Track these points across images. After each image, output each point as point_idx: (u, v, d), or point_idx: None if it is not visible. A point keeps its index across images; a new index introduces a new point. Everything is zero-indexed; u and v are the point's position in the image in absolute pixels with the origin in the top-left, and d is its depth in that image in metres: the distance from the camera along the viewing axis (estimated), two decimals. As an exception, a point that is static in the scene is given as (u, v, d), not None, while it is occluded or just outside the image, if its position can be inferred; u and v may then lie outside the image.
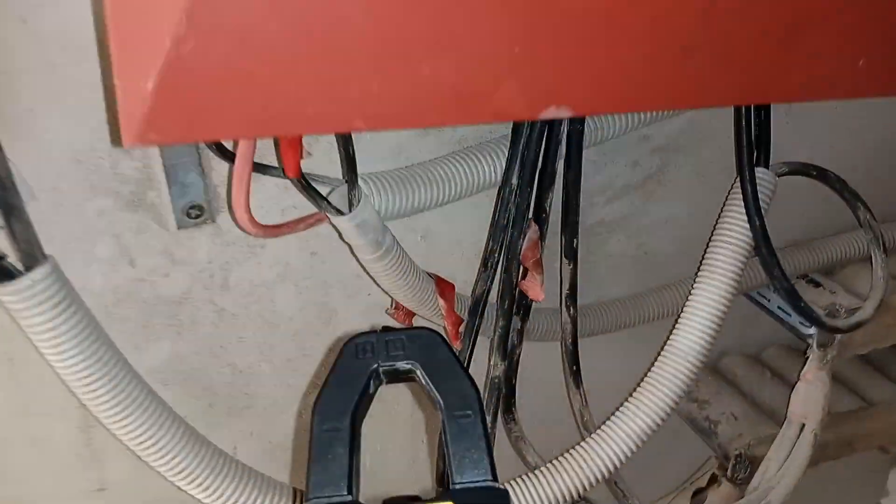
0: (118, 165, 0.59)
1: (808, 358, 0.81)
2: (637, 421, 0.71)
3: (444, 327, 0.68)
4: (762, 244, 0.71)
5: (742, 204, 0.71)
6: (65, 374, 0.53)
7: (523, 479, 0.70)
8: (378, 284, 0.64)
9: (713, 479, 0.86)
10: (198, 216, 0.62)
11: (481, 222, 0.71)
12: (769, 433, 0.84)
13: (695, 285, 0.74)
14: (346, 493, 0.30)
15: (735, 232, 0.72)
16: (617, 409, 0.73)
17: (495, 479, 0.31)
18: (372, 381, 0.33)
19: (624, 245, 0.84)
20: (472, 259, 0.74)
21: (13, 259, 0.51)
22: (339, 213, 0.55)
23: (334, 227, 0.57)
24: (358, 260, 0.61)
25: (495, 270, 0.68)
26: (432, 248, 0.73)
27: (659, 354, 0.73)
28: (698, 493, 0.88)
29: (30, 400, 0.64)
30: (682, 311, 0.74)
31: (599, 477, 0.71)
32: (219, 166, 0.61)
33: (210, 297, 0.66)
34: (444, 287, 0.67)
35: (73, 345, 0.52)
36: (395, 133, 0.65)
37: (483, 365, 0.73)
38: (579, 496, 0.72)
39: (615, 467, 0.71)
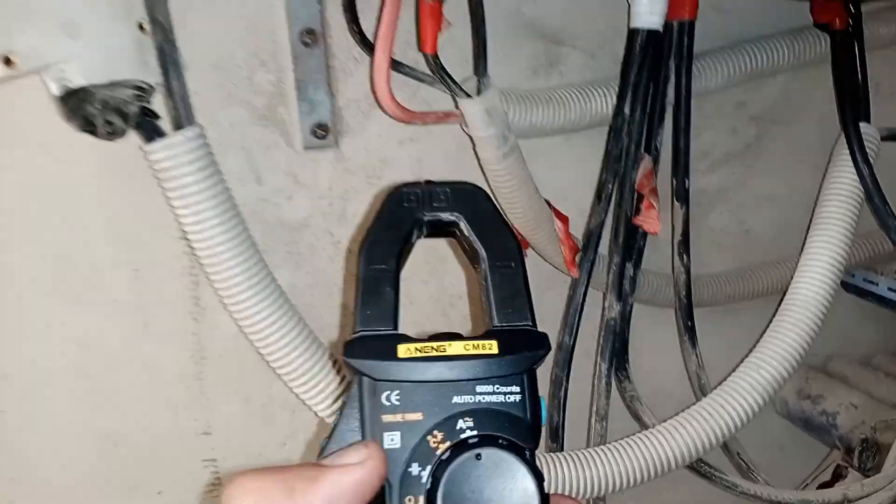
0: (254, 76, 0.62)
1: (931, 325, 0.77)
2: (762, 373, 0.68)
3: (562, 254, 0.67)
4: (874, 192, 0.70)
5: (848, 156, 0.71)
6: (198, 244, 0.53)
7: (643, 437, 0.66)
8: (496, 199, 0.64)
9: (838, 473, 0.80)
10: (323, 136, 0.64)
11: (586, 176, 0.72)
12: (892, 417, 0.78)
13: (809, 237, 0.72)
14: (392, 327, 0.30)
15: (844, 182, 0.71)
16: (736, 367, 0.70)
17: (535, 325, 0.30)
18: (415, 230, 0.33)
19: (725, 220, 0.83)
20: (576, 217, 0.74)
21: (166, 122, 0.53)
22: (468, 96, 0.56)
23: (464, 130, 0.59)
24: (481, 167, 0.61)
25: (609, 203, 0.68)
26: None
27: (776, 313, 0.71)
28: (822, 488, 0.81)
29: (149, 319, 0.64)
30: (798, 265, 0.72)
31: (724, 433, 0.66)
32: (345, 88, 0.64)
33: (328, 226, 0.67)
34: (559, 213, 0.67)
35: (214, 213, 0.53)
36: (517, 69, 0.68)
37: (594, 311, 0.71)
38: (700, 457, 0.67)
39: (741, 422, 0.67)
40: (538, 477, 0.27)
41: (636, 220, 0.68)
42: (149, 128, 0.52)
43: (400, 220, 0.32)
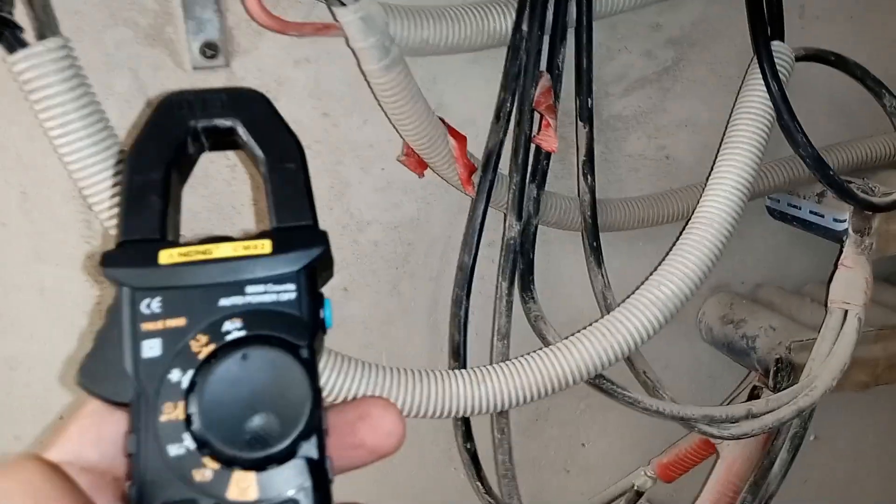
0: (137, -6, 0.61)
1: (844, 245, 0.77)
2: (662, 289, 0.68)
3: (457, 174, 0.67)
4: (783, 109, 0.70)
5: (759, 75, 0.71)
6: (68, 159, 0.53)
7: (541, 353, 0.67)
8: (387, 116, 0.64)
9: (754, 395, 0.80)
10: (213, 56, 0.63)
11: (495, 99, 0.71)
12: (810, 337, 0.79)
13: (717, 158, 0.72)
14: (157, 235, 0.28)
15: (754, 101, 0.71)
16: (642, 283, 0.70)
17: (316, 224, 0.29)
18: (190, 140, 0.30)
19: (644, 145, 0.83)
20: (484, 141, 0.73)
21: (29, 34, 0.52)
22: (343, 4, 0.55)
23: (348, 45, 0.58)
24: (366, 80, 0.61)
25: (508, 122, 0.67)
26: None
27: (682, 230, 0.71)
28: (739, 410, 0.81)
29: (41, 243, 0.64)
30: (705, 186, 0.72)
31: (624, 348, 0.67)
32: (235, 7, 0.63)
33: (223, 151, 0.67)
34: (453, 132, 0.66)
35: (81, 125, 0.52)
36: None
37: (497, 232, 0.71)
38: (600, 372, 0.68)
39: (641, 338, 0.67)
40: (311, 374, 0.26)
41: (535, 139, 0.68)
42: (10, 39, 0.51)
43: (170, 127, 0.30)
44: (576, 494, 0.93)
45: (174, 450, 0.25)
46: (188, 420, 0.25)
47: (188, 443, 0.25)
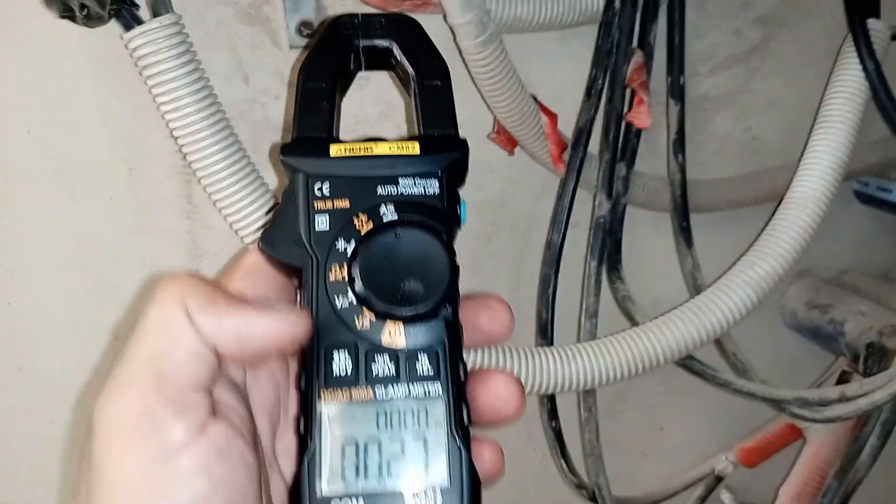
0: (238, -26, 0.63)
1: (941, 227, 0.75)
2: (756, 269, 0.67)
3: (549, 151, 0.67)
4: (880, 89, 0.68)
5: (854, 53, 0.69)
6: (179, 131, 0.55)
7: (633, 332, 0.66)
8: (481, 93, 0.64)
9: (843, 380, 0.79)
10: (308, 34, 0.64)
11: (583, 77, 0.71)
12: (903, 323, 0.77)
13: (810, 138, 0.71)
14: (326, 134, 0.33)
15: (848, 79, 0.69)
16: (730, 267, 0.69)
17: (457, 133, 0.34)
18: (352, 56, 0.36)
19: (730, 125, 0.81)
20: (571, 119, 0.73)
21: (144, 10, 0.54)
22: (447, -19, 0.56)
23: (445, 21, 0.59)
24: (462, 56, 0.61)
25: (599, 99, 0.67)
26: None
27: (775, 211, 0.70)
28: (827, 396, 0.80)
29: (144, 216, 0.66)
30: (798, 167, 0.71)
31: (716, 329, 0.66)
32: (330, -14, 0.64)
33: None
34: (545, 109, 0.66)
35: (192, 99, 0.54)
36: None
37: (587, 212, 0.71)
38: (690, 352, 0.67)
39: (734, 318, 0.66)
40: (451, 253, 0.31)
41: (627, 117, 0.67)
42: (127, 16, 0.53)
43: (337, 45, 0.36)
44: (652, 479, 0.92)
45: (339, 302, 0.30)
46: (351, 280, 0.30)
47: (351, 297, 0.30)
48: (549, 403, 0.72)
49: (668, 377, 0.88)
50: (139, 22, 0.53)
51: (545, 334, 0.69)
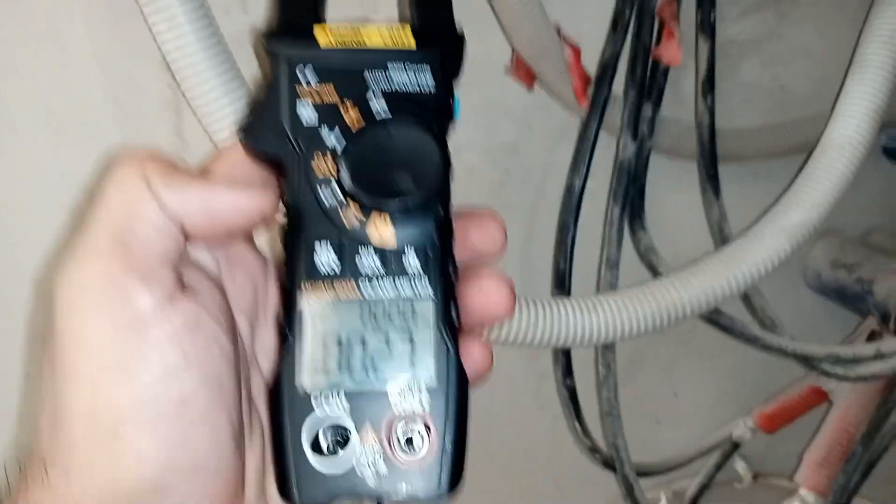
0: None
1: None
2: (792, 215, 0.63)
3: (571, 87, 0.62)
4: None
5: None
6: (171, 53, 0.50)
7: (658, 282, 0.63)
8: (500, 24, 0.60)
9: (872, 338, 0.75)
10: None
11: (607, 14, 0.67)
12: (936, 282, 0.73)
13: (845, 82, 0.67)
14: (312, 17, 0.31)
15: (885, 22, 0.65)
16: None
17: (454, 25, 0.32)
18: None
19: (758, 73, 0.77)
20: (594, 57, 0.69)
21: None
22: None
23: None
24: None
25: (626, 33, 0.63)
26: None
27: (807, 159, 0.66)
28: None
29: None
30: (832, 111, 0.67)
31: (746, 278, 0.62)
32: None
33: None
34: (569, 42, 0.62)
35: (196, 37, 0.49)
36: None
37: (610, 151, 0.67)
38: (717, 304, 0.64)
39: (766, 267, 0.63)
40: (443, 147, 0.29)
41: (656, 52, 0.63)
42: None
43: None
44: (666, 446, 0.89)
45: (325, 197, 0.29)
46: (338, 173, 0.29)
47: (337, 192, 0.29)
48: (564, 359, 0.69)
49: (685, 339, 0.85)
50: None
51: (562, 285, 0.65)
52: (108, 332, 0.24)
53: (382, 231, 0.29)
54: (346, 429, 0.28)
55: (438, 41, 0.31)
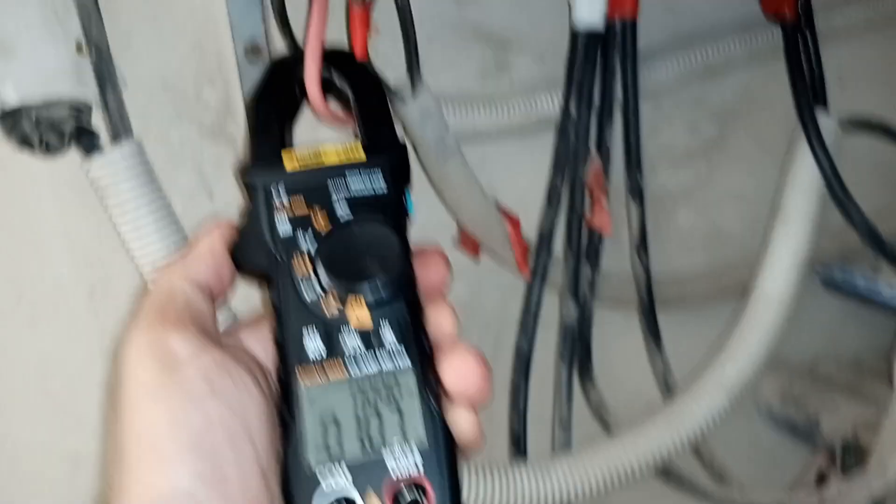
0: (201, 93, 0.63)
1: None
2: (727, 371, 0.67)
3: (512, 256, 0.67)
4: (833, 182, 0.69)
5: (804, 144, 0.70)
6: (140, 259, 0.54)
7: (608, 443, 0.66)
8: (445, 203, 0.64)
9: (821, 477, 0.78)
10: (271, 150, 0.65)
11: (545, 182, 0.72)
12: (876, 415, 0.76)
13: (768, 232, 0.72)
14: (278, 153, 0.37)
15: (800, 171, 0.70)
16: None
17: (395, 136, 0.38)
18: (297, 88, 0.44)
19: (693, 219, 0.83)
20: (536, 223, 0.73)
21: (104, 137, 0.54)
22: (403, 100, 0.57)
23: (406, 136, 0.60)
24: (425, 170, 0.62)
25: (559, 204, 0.68)
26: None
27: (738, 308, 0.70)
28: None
29: (106, 339, 0.64)
30: (759, 261, 0.71)
31: (692, 435, 0.65)
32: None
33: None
34: (508, 215, 0.67)
35: (154, 228, 0.54)
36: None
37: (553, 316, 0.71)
38: (667, 462, 0.67)
39: (709, 424, 0.66)
40: (402, 237, 0.34)
41: (588, 221, 0.68)
42: (87, 144, 0.53)
43: (281, 80, 0.44)
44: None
45: (307, 295, 0.33)
46: (315, 273, 0.33)
47: (317, 287, 0.33)
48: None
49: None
50: (98, 148, 0.53)
51: (518, 447, 0.68)
52: (152, 372, 0.30)
53: (359, 313, 0.33)
54: (352, 500, 0.31)
55: (385, 151, 0.36)
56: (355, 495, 0.31)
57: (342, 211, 0.35)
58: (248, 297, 0.50)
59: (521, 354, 0.67)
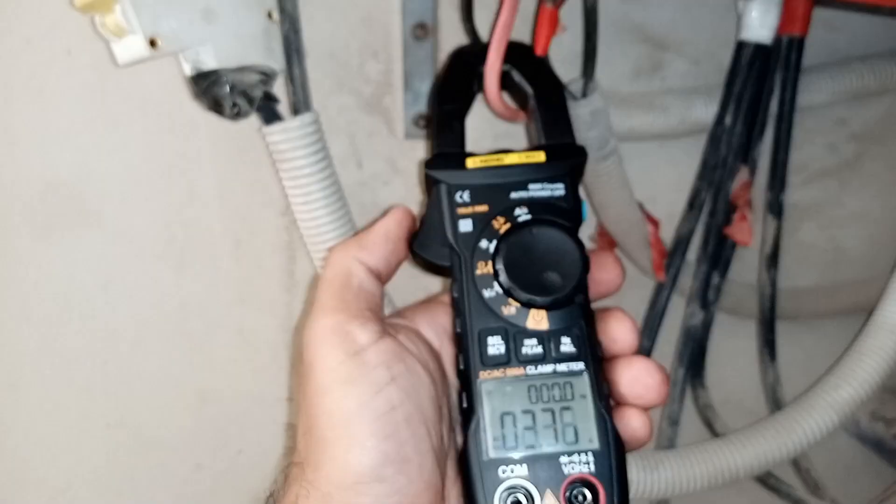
0: (364, 66, 0.64)
1: None
2: (841, 392, 0.67)
3: (650, 259, 0.67)
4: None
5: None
6: (304, 223, 0.56)
7: (716, 444, 0.67)
8: (591, 200, 0.65)
9: (908, 499, 0.79)
10: (424, 127, 0.66)
11: (677, 182, 0.72)
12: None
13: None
14: (461, 149, 0.39)
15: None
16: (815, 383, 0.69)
17: (575, 141, 0.39)
18: (475, 80, 0.45)
19: (815, 235, 0.82)
20: (663, 223, 0.74)
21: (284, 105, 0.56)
22: (574, 98, 0.57)
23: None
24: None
25: (701, 211, 0.68)
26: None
27: (860, 332, 0.70)
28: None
29: (246, 287, 0.67)
30: (888, 286, 0.71)
31: (797, 448, 0.66)
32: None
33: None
34: (650, 217, 0.67)
35: (321, 195, 0.55)
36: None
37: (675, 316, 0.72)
38: (769, 469, 0.68)
39: (815, 439, 0.67)
40: (580, 245, 0.35)
41: (727, 231, 0.68)
42: (268, 111, 0.54)
43: (462, 71, 0.44)
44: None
45: (487, 293, 0.35)
46: (496, 274, 0.35)
47: (497, 289, 0.35)
48: None
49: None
50: (278, 116, 0.55)
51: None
52: (339, 358, 0.33)
53: (539, 321, 0.34)
54: (530, 493, 0.33)
55: (565, 155, 0.37)
56: (533, 490, 0.33)
57: (522, 212, 0.36)
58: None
59: (643, 353, 0.68)
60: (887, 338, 0.68)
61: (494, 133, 0.68)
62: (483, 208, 0.36)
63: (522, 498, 0.33)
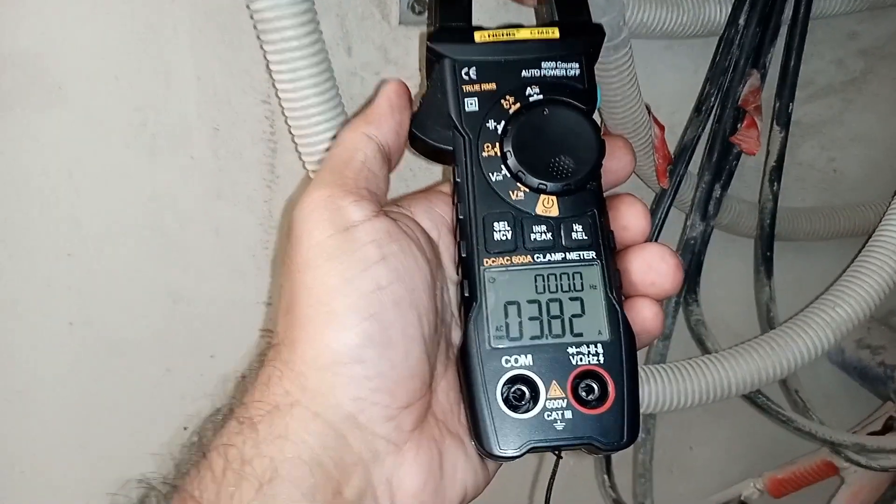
0: (357, -61, 0.59)
1: None
2: (838, 310, 0.66)
3: (654, 165, 0.64)
4: None
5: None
6: (290, 104, 0.51)
7: (706, 360, 0.65)
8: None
9: (888, 425, 0.79)
10: (420, 12, 0.61)
11: (682, 88, 0.69)
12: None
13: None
14: (467, 23, 0.34)
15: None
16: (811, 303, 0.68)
17: (591, 19, 0.35)
18: None
19: (815, 155, 0.80)
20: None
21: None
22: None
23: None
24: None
25: (709, 117, 0.65)
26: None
27: (858, 254, 0.69)
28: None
29: (224, 180, 0.63)
30: (889, 207, 0.69)
31: (790, 365, 0.65)
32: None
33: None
34: (657, 120, 0.64)
35: (313, 72, 0.51)
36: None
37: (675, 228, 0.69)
38: (760, 387, 0.66)
39: (809, 357, 0.65)
40: (596, 128, 0.33)
41: (734, 139, 0.65)
42: (254, -25, 0.49)
43: None
44: (676, 496, 0.92)
45: (494, 177, 0.32)
46: (504, 156, 0.32)
47: (505, 172, 0.32)
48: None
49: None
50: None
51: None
52: (328, 232, 0.31)
53: (549, 206, 0.32)
54: (535, 384, 0.31)
55: (580, 33, 0.34)
56: (535, 378, 0.31)
57: (534, 91, 0.33)
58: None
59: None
60: (888, 257, 0.66)
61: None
62: (491, 86, 0.33)
63: (526, 389, 0.31)
